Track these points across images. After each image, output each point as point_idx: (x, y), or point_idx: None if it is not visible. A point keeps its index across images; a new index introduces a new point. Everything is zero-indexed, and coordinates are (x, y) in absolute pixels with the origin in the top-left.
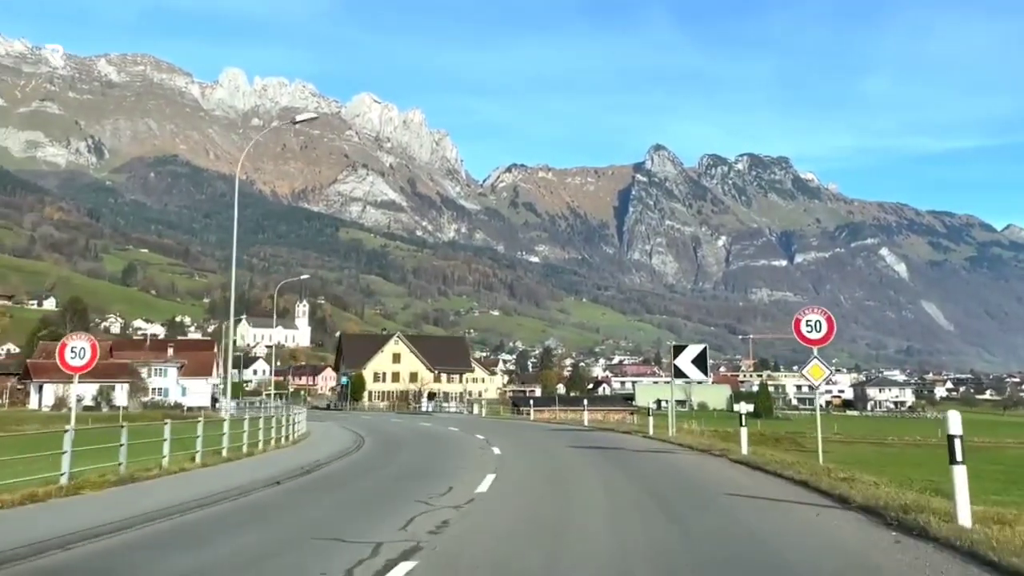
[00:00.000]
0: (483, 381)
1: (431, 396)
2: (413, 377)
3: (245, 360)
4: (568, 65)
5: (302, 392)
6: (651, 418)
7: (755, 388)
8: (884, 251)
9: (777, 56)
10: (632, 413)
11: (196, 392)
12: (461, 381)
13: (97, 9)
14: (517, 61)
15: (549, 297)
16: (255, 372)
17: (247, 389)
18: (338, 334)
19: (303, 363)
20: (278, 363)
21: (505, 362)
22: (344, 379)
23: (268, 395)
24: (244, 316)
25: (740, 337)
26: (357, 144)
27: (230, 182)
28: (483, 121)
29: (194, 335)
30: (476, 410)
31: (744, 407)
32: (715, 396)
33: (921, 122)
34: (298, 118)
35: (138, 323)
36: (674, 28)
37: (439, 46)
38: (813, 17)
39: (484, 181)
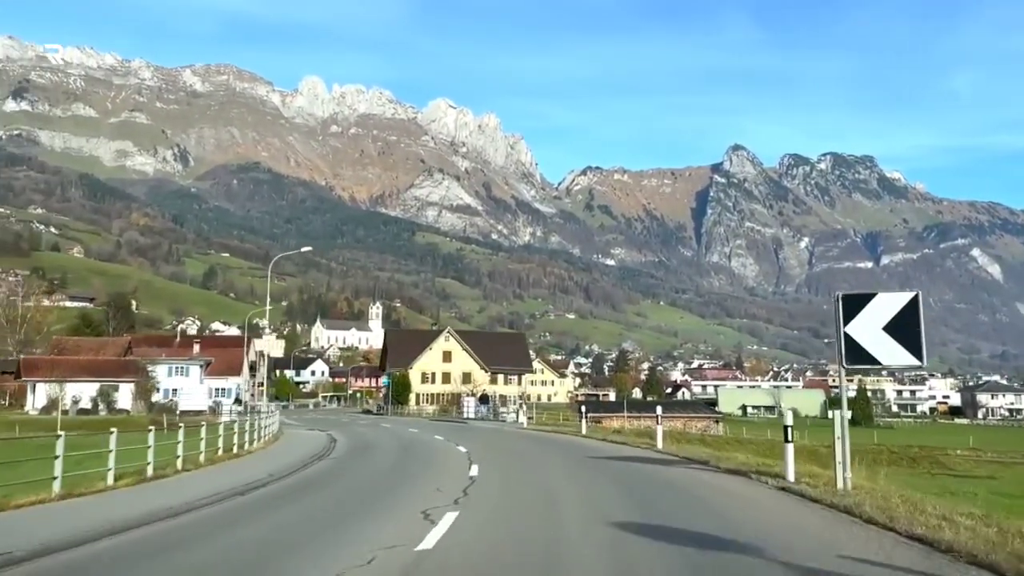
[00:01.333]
0: (552, 383)
1: (484, 399)
2: (466, 378)
3: (303, 360)
4: (642, 67)
5: (358, 394)
6: (790, 447)
7: (850, 393)
8: (976, 252)
9: (859, 53)
10: (717, 421)
11: (195, 394)
12: (520, 382)
13: (182, 22)
14: (591, 64)
15: (625, 300)
16: (312, 373)
17: (304, 391)
18: (384, 330)
19: (363, 364)
20: (340, 364)
21: (580, 365)
22: (384, 380)
23: (324, 397)
24: (319, 318)
25: (825, 341)
26: (433, 149)
27: (311, 188)
28: (557, 124)
29: (268, 337)
30: (520, 419)
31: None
32: (807, 402)
33: (1013, 118)
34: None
35: (216, 325)
36: (751, 27)
37: (513, 51)
38: (895, 12)
39: (559, 184)
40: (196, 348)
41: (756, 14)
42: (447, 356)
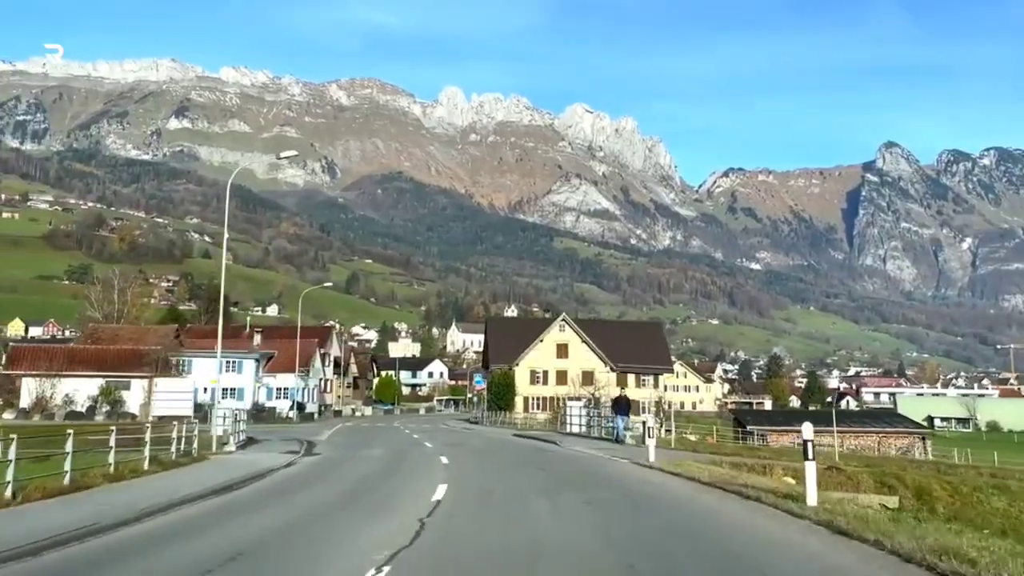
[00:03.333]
0: (696, 389)
1: (623, 405)
2: (586, 378)
3: (419, 361)
4: (784, 64)
5: (475, 398)
6: None
7: None
8: None
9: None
10: (923, 439)
11: (170, 399)
12: (656, 384)
13: (329, 39)
14: (731, 63)
15: (772, 305)
16: (430, 375)
17: (419, 394)
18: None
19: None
20: (464, 366)
21: (726, 372)
22: (478, 379)
23: (440, 401)
24: (454, 321)
25: (997, 347)
26: (570, 154)
27: (451, 196)
28: (697, 126)
29: (404, 340)
30: (646, 442)
31: None
32: (1012, 414)
33: None
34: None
35: (356, 329)
36: (902, 18)
37: (649, 53)
38: None
39: (700, 187)
40: (257, 339)
41: (906, 4)
42: (562, 350)
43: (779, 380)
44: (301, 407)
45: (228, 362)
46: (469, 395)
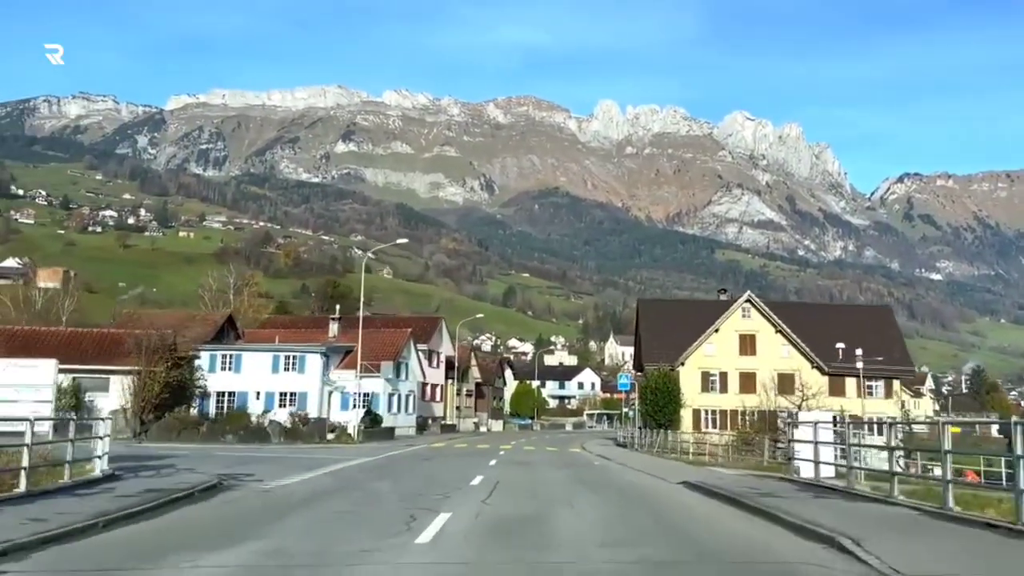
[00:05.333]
0: (902, 405)
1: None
2: (785, 382)
3: (566, 371)
4: (960, 63)
5: (630, 412)
6: None
7: None
8: None
9: None
10: None
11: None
12: (890, 394)
13: (485, 61)
14: (901, 64)
15: (957, 318)
16: (580, 386)
17: (568, 407)
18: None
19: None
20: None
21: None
22: (623, 382)
23: (591, 416)
24: (612, 334)
25: None
26: (731, 164)
27: (608, 210)
28: (867, 130)
29: (560, 353)
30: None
31: None
32: None
33: None
34: None
35: (512, 342)
36: None
37: (813, 57)
38: None
39: (872, 194)
40: (333, 329)
41: None
42: (747, 343)
43: (1000, 395)
44: (376, 419)
45: (288, 358)
46: (625, 409)
